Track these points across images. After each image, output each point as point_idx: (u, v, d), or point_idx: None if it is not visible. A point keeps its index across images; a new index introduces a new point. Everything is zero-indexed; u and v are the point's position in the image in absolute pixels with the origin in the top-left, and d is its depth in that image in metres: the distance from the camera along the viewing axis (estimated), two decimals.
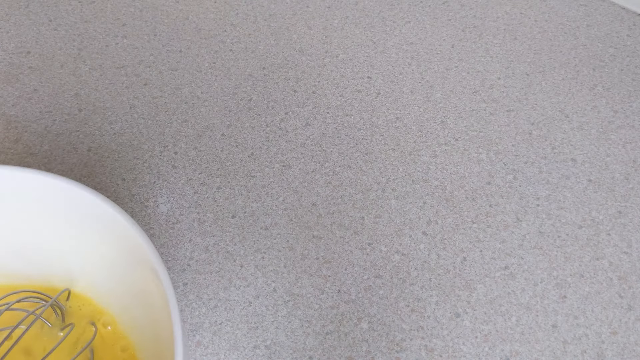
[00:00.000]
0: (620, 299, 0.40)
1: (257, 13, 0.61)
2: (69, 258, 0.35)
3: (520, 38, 0.59)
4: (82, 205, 0.32)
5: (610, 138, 0.50)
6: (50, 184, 0.32)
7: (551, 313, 0.40)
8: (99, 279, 0.35)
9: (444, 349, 0.38)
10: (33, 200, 0.34)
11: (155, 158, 0.48)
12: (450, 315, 0.40)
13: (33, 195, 0.34)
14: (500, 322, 0.39)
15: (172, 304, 0.27)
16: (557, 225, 0.44)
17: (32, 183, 0.33)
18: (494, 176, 0.47)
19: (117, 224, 0.31)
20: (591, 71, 0.55)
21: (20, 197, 0.34)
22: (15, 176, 0.33)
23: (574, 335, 0.39)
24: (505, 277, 0.42)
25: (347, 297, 0.40)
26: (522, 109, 0.52)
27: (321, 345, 0.38)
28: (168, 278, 0.28)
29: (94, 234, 0.33)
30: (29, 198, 0.34)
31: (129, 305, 0.34)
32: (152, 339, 0.32)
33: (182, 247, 0.43)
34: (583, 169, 0.48)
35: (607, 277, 0.41)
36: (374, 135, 0.50)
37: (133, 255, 0.31)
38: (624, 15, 0.60)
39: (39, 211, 0.34)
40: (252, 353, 0.38)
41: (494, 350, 0.38)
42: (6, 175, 0.33)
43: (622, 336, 0.39)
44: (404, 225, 0.44)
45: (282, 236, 0.44)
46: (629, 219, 0.44)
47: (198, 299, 0.41)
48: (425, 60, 0.57)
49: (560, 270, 0.42)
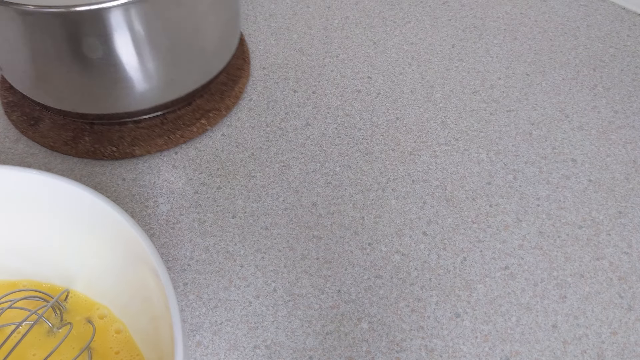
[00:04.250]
0: (620, 299, 0.40)
1: (257, 13, 0.61)
2: (69, 258, 0.35)
3: (520, 38, 0.59)
4: (82, 205, 0.32)
5: (610, 138, 0.50)
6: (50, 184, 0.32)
7: (551, 313, 0.40)
8: (99, 278, 0.35)
9: (444, 349, 0.38)
10: (33, 200, 0.34)
11: (155, 158, 0.48)
12: (450, 315, 0.40)
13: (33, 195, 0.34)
14: (501, 322, 0.39)
15: (172, 304, 0.27)
16: (557, 226, 0.44)
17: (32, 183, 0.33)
18: (494, 176, 0.47)
19: (117, 224, 0.31)
20: (591, 71, 0.55)
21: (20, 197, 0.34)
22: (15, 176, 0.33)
23: (574, 335, 0.39)
24: (506, 277, 0.42)
25: (347, 297, 0.40)
26: (523, 109, 0.52)
27: (321, 345, 0.38)
28: (168, 278, 0.28)
29: (93, 233, 0.33)
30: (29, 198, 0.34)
31: (129, 305, 0.34)
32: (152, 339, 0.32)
33: (182, 247, 0.43)
34: (583, 169, 0.48)
35: (607, 277, 0.41)
36: (374, 135, 0.50)
37: (133, 255, 0.31)
38: (624, 15, 0.60)
39: (39, 211, 0.34)
40: (252, 353, 0.38)
41: (494, 350, 0.38)
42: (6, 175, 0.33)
43: (622, 336, 0.39)
44: (404, 225, 0.44)
45: (282, 236, 0.44)
46: (629, 219, 0.44)
47: (198, 299, 0.41)
48: (425, 60, 0.57)
49: (561, 271, 0.42)
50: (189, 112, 0.50)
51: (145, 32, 0.41)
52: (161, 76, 0.45)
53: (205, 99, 0.51)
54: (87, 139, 0.48)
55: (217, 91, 0.52)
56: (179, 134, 0.48)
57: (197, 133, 0.49)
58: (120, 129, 0.48)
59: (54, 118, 0.49)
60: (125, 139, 0.48)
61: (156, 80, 0.45)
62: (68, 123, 0.49)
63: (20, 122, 0.50)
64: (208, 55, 0.48)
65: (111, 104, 0.45)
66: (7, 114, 0.51)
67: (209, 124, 0.50)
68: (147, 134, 0.48)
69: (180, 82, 0.47)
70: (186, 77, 0.47)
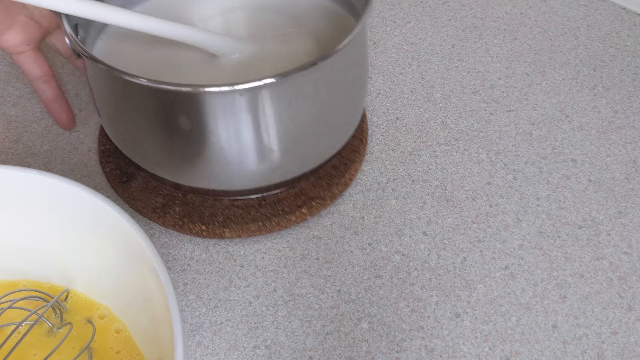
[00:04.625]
0: (620, 299, 0.40)
1: None
2: (69, 258, 0.35)
3: (520, 38, 0.59)
4: (82, 205, 0.32)
5: (610, 138, 0.50)
6: (50, 184, 0.33)
7: (551, 313, 0.40)
8: (99, 278, 0.35)
9: (444, 349, 0.38)
10: (33, 200, 0.34)
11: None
12: (450, 315, 0.40)
13: (33, 195, 0.34)
14: (501, 322, 0.39)
15: (172, 304, 0.27)
16: (558, 226, 0.44)
17: (32, 183, 0.33)
18: (494, 176, 0.47)
19: (117, 224, 0.31)
20: (591, 71, 0.55)
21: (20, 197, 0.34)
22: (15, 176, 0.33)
23: (574, 335, 0.39)
24: (506, 277, 0.42)
25: (347, 297, 0.40)
26: (523, 109, 0.52)
27: (321, 345, 0.38)
28: (168, 278, 0.28)
29: (93, 234, 0.33)
30: (29, 198, 0.34)
31: (129, 305, 0.34)
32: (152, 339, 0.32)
33: (182, 247, 0.43)
34: (583, 169, 0.48)
35: (607, 278, 0.41)
36: (374, 135, 0.50)
37: (133, 255, 0.31)
38: (624, 15, 0.60)
39: (39, 211, 0.34)
40: (252, 353, 0.38)
41: (494, 350, 0.38)
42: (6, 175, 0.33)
43: (622, 336, 0.39)
44: (404, 225, 0.44)
45: (283, 236, 0.44)
46: (629, 219, 0.44)
47: (198, 299, 0.41)
48: (425, 60, 0.57)
49: (561, 271, 0.42)
50: (290, 196, 0.44)
51: (256, 116, 0.37)
52: (268, 160, 0.40)
53: (310, 182, 0.45)
54: (178, 209, 0.44)
55: (325, 175, 0.45)
56: (275, 221, 0.43)
57: (294, 222, 0.43)
58: (214, 204, 0.44)
59: (147, 179, 0.46)
60: (217, 217, 0.43)
61: (261, 163, 0.40)
62: (160, 187, 0.45)
63: (113, 176, 0.47)
64: (324, 140, 0.42)
65: (210, 180, 0.41)
66: (101, 163, 0.48)
67: (309, 214, 0.44)
68: (241, 215, 0.43)
69: (289, 168, 0.41)
70: (296, 162, 0.41)
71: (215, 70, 0.43)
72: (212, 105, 0.36)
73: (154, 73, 0.39)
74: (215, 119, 0.36)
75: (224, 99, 0.35)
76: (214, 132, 0.37)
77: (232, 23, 0.49)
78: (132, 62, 0.43)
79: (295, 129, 0.39)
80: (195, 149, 0.38)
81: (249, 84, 0.34)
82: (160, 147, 0.40)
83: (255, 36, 0.47)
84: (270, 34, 0.47)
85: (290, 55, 0.45)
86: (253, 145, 0.38)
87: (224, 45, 0.43)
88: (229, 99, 0.35)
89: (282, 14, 0.48)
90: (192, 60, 0.44)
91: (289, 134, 0.39)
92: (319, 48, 0.45)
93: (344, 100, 0.42)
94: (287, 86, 0.36)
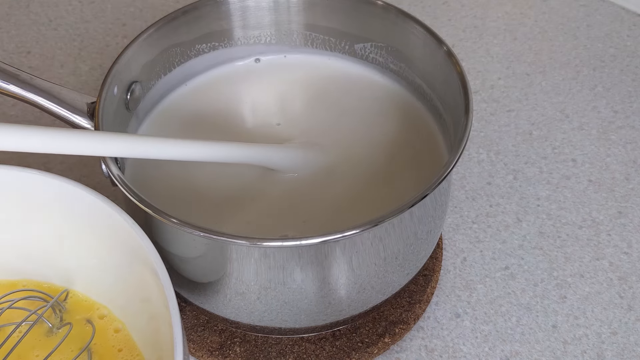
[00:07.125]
0: (620, 299, 0.40)
1: None
2: (68, 257, 0.35)
3: (520, 38, 0.58)
4: (82, 205, 0.32)
5: (610, 138, 0.50)
6: (51, 184, 0.32)
7: (551, 313, 0.40)
8: (98, 278, 0.35)
9: (444, 349, 0.38)
10: (32, 200, 0.34)
11: None
12: (450, 315, 0.40)
13: (33, 195, 0.34)
14: (501, 322, 0.39)
15: (172, 304, 0.27)
16: (558, 226, 0.44)
17: (31, 183, 0.33)
18: (494, 176, 0.47)
19: (117, 224, 0.31)
20: (591, 71, 0.55)
21: (20, 197, 0.34)
22: (15, 176, 0.33)
23: (574, 335, 0.39)
24: (506, 277, 0.42)
25: None
26: (523, 109, 0.52)
27: None
28: (168, 278, 0.28)
29: (93, 233, 0.33)
30: (29, 198, 0.34)
31: (129, 305, 0.34)
32: (152, 339, 0.32)
33: None
34: (583, 169, 0.48)
35: (607, 278, 0.41)
36: None
37: (133, 255, 0.31)
38: (624, 15, 0.60)
39: (38, 211, 0.34)
40: None
41: (494, 350, 0.38)
42: (6, 175, 0.33)
43: (622, 336, 0.39)
44: None
45: None
46: (629, 219, 0.44)
47: None
48: None
49: (561, 271, 0.42)
50: (367, 322, 0.38)
51: (326, 266, 0.31)
52: (344, 297, 0.34)
53: (389, 302, 0.39)
54: (238, 350, 0.37)
55: (404, 293, 0.40)
56: (355, 357, 0.37)
57: (377, 354, 0.37)
58: (280, 340, 0.38)
59: (196, 312, 0.39)
60: (287, 357, 0.37)
61: (336, 301, 0.34)
62: (214, 322, 0.39)
63: None
64: (407, 268, 0.36)
65: (273, 318, 0.34)
66: None
67: (393, 342, 0.38)
68: (314, 352, 0.37)
69: (365, 300, 0.35)
70: (373, 294, 0.35)
71: (275, 187, 0.37)
72: (277, 258, 0.31)
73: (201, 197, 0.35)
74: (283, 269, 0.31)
75: (290, 251, 0.30)
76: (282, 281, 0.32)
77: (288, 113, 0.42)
78: (172, 181, 0.38)
79: (376, 266, 0.33)
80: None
81: (320, 239, 0.29)
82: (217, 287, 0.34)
83: (317, 140, 0.40)
84: (333, 138, 0.40)
85: (360, 169, 0.38)
86: (332, 286, 0.33)
87: (288, 162, 0.37)
88: (295, 251, 0.30)
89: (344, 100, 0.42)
90: (246, 176, 0.38)
91: (368, 270, 0.33)
92: (391, 158, 0.39)
93: (423, 237, 0.35)
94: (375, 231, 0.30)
